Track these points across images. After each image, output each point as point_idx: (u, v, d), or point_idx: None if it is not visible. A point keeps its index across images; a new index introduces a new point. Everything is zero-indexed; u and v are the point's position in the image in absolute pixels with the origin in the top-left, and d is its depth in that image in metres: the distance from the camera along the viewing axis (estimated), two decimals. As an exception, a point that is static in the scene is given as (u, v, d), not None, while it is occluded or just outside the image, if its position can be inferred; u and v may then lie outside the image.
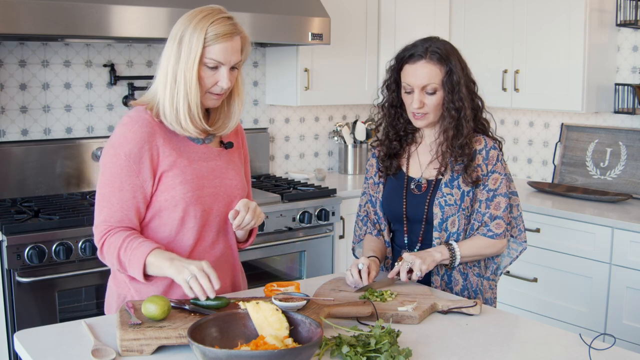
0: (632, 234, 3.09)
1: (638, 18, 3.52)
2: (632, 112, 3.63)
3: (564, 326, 3.32)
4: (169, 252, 1.77)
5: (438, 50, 2.03)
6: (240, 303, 1.69)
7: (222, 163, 1.93)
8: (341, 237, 3.64)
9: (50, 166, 3.29)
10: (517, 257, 2.18)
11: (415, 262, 1.95)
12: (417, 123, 2.11)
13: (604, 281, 3.21)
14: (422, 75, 2.03)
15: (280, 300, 1.70)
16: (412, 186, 2.15)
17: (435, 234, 2.09)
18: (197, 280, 1.64)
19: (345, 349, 1.51)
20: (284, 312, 1.52)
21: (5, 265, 2.63)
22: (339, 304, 1.78)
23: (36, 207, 2.98)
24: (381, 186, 2.23)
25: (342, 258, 3.65)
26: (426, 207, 2.10)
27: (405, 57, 2.07)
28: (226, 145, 1.97)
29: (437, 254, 2.02)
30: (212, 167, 1.90)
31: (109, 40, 3.30)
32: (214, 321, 1.51)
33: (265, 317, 1.50)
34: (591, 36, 3.55)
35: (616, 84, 3.69)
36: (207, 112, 1.93)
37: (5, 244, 2.62)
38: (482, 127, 2.14)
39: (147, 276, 1.76)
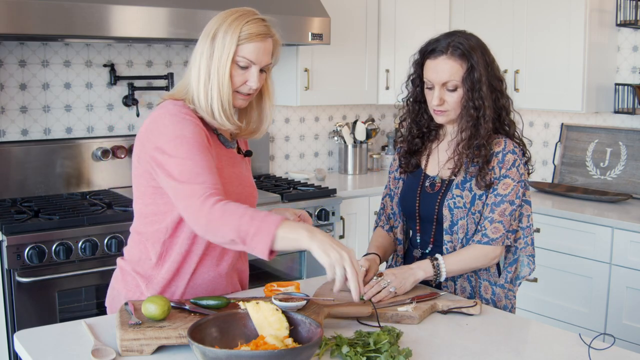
0: (632, 234, 3.09)
1: (638, 18, 3.52)
2: (632, 112, 3.63)
3: (564, 326, 3.32)
4: (301, 223, 1.68)
5: (460, 46, 1.95)
6: (240, 303, 1.69)
7: (243, 170, 1.95)
8: (341, 237, 3.63)
9: (50, 166, 3.29)
10: (533, 269, 2.07)
11: (390, 284, 1.88)
12: (438, 119, 2.04)
13: (604, 281, 3.21)
14: (442, 72, 1.95)
15: (280, 300, 1.70)
16: (427, 184, 2.09)
17: (446, 237, 2.03)
18: (345, 273, 1.53)
19: (345, 349, 1.51)
20: (284, 312, 1.52)
21: (5, 265, 2.63)
22: (339, 304, 1.78)
23: (36, 207, 2.98)
24: (401, 182, 2.18)
25: (342, 258, 3.64)
26: (437, 207, 2.04)
27: (427, 52, 2.00)
28: (245, 153, 1.98)
29: (419, 272, 1.94)
30: (236, 174, 1.90)
31: (109, 40, 3.30)
32: (214, 321, 1.51)
33: (265, 317, 1.50)
34: (591, 36, 3.55)
35: (616, 84, 3.69)
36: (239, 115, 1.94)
37: (5, 244, 2.62)
38: (506, 129, 2.05)
39: (272, 252, 1.60)
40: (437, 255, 1.98)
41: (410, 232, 2.20)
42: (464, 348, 1.63)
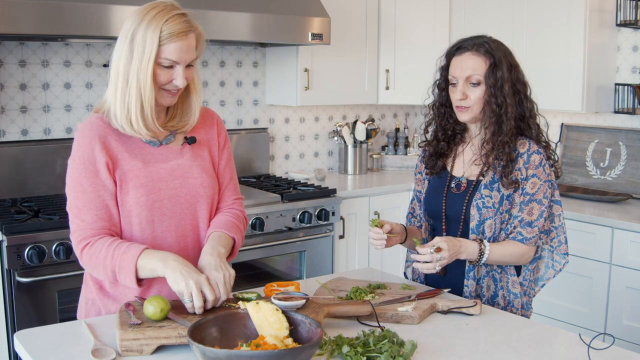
0: (632, 234, 3.09)
1: (638, 18, 3.52)
2: (632, 112, 3.63)
3: (564, 326, 3.31)
4: (160, 251, 1.74)
5: (485, 45, 2.04)
6: (240, 303, 1.69)
7: (185, 161, 1.88)
8: (341, 237, 3.63)
9: (50, 166, 3.29)
10: (561, 270, 2.10)
11: (441, 261, 1.92)
12: (461, 116, 2.08)
13: (604, 281, 3.21)
14: (466, 66, 2.03)
15: (279, 299, 1.70)
16: (453, 185, 2.13)
17: (472, 237, 2.05)
18: (192, 297, 1.64)
19: (345, 349, 1.51)
20: (284, 312, 1.52)
21: (5, 265, 2.63)
22: (338, 304, 1.77)
23: (36, 207, 2.98)
24: (426, 182, 2.23)
25: (342, 258, 3.65)
26: (464, 207, 2.07)
27: (453, 51, 2.08)
28: (189, 140, 1.90)
29: (463, 253, 1.98)
30: (171, 168, 1.85)
31: (109, 40, 3.30)
32: (214, 321, 1.51)
33: (265, 317, 1.50)
34: (591, 36, 3.55)
35: (616, 84, 3.69)
36: (167, 109, 1.89)
37: (5, 244, 2.62)
38: (531, 132, 2.07)
39: (140, 281, 1.74)
40: (485, 242, 2.01)
41: (435, 232, 2.21)
42: (464, 348, 1.63)
